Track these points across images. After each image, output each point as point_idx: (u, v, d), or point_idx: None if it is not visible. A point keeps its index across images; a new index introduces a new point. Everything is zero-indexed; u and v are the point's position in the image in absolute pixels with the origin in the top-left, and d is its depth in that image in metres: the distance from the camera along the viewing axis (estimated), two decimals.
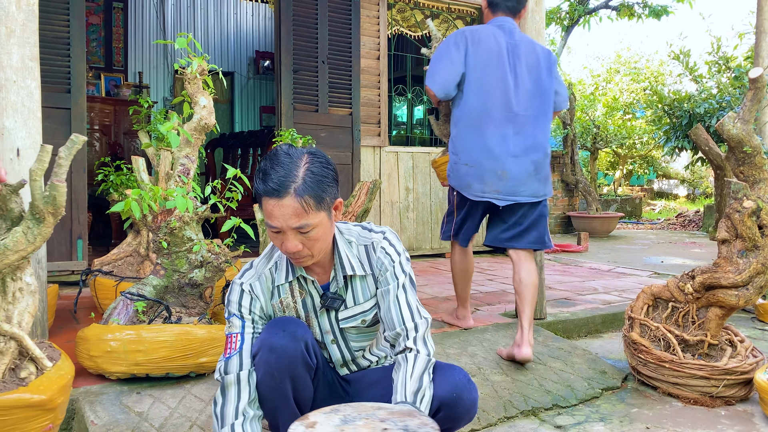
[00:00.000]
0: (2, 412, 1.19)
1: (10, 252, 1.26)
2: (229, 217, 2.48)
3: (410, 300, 1.67)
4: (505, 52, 2.75)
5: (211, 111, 2.73)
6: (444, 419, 1.62)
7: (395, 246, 1.71)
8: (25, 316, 1.32)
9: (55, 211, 1.29)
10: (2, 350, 1.27)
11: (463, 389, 1.62)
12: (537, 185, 2.79)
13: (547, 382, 2.59)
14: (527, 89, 2.76)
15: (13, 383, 1.24)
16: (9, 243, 1.27)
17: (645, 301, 2.76)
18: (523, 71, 2.77)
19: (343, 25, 5.12)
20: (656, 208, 13.74)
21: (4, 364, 1.26)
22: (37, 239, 1.29)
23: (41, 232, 1.29)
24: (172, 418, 2.05)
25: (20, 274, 1.35)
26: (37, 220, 1.28)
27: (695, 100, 7.55)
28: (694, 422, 2.31)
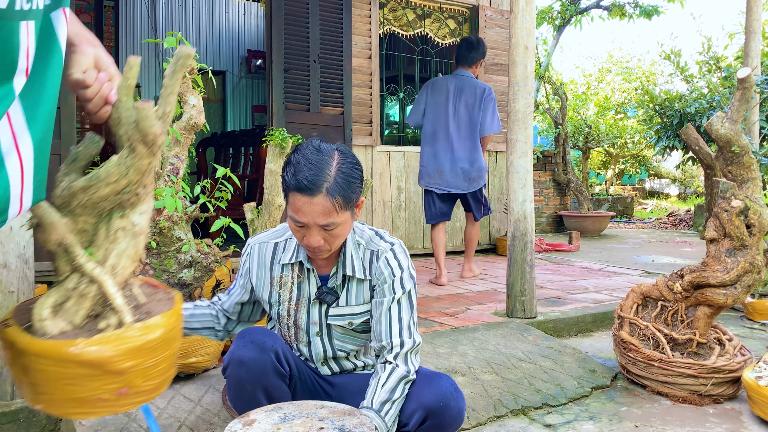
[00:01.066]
0: (52, 361, 1.04)
1: (101, 183, 1.09)
2: (218, 217, 2.48)
3: (402, 316, 1.67)
4: (451, 94, 4.28)
5: (200, 110, 2.72)
6: (431, 428, 1.63)
7: (399, 260, 1.70)
8: (122, 259, 1.14)
9: (144, 138, 1.08)
10: (83, 293, 1.11)
11: (449, 398, 1.62)
12: (465, 184, 4.33)
13: (537, 381, 2.60)
14: (462, 119, 4.29)
15: (88, 332, 1.07)
16: (102, 173, 1.09)
17: (634, 300, 2.77)
18: (461, 106, 4.28)
19: (334, 24, 5.11)
20: (648, 207, 13.81)
21: (84, 308, 1.11)
22: (131, 172, 1.10)
23: (134, 164, 1.10)
24: (161, 419, 2.04)
25: (129, 212, 1.16)
26: (129, 150, 1.10)
27: (686, 100, 7.58)
28: (683, 420, 2.32)
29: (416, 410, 1.61)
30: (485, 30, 6.08)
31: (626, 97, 13.38)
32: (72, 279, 1.12)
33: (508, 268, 3.34)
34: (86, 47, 1.13)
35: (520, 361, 2.75)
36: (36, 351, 1.04)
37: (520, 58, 3.26)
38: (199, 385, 2.26)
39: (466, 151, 4.28)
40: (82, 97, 1.12)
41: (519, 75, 3.27)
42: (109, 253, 1.13)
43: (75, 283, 1.12)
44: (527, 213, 3.28)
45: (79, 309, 1.10)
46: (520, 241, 3.28)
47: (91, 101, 1.12)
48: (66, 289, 1.11)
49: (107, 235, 1.15)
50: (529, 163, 3.28)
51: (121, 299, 1.12)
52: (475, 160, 4.29)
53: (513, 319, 3.25)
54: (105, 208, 1.14)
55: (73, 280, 1.12)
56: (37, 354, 1.04)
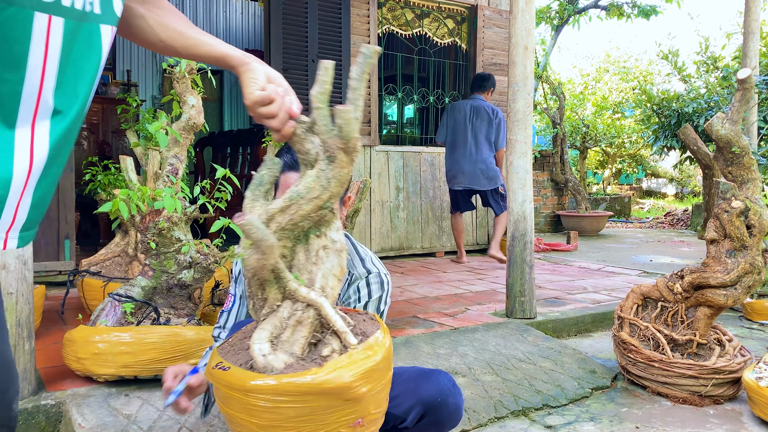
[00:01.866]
0: (294, 398, 0.95)
1: (303, 201, 1.04)
2: (218, 218, 2.47)
3: None
4: (468, 113, 5.33)
5: (199, 110, 2.71)
6: (429, 424, 1.62)
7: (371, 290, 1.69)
8: (330, 280, 1.08)
9: (346, 145, 1.04)
10: (300, 320, 1.04)
11: (447, 394, 1.62)
12: (485, 182, 5.32)
13: (538, 381, 2.60)
14: (478, 131, 5.32)
15: (313, 362, 1.00)
16: (302, 190, 1.04)
17: (634, 300, 2.77)
18: (477, 122, 5.31)
19: (333, 23, 5.10)
20: (645, 206, 13.82)
21: (303, 337, 1.03)
22: (332, 184, 1.05)
23: (335, 174, 1.04)
24: (161, 421, 2.03)
25: (324, 230, 1.10)
26: (328, 160, 1.05)
27: (684, 100, 7.59)
28: (683, 421, 2.32)
29: (414, 406, 1.60)
30: (483, 30, 6.08)
31: (623, 97, 13.39)
32: (285, 307, 1.05)
33: (508, 269, 3.33)
34: (256, 64, 1.11)
35: (520, 362, 2.75)
36: (270, 389, 0.96)
37: (519, 59, 3.26)
38: None
39: (482, 156, 5.30)
40: (264, 115, 1.08)
41: (518, 75, 3.26)
42: (314, 276, 1.07)
43: (290, 311, 1.05)
44: (527, 213, 3.28)
45: (298, 338, 1.03)
46: (519, 241, 3.28)
47: (276, 117, 1.08)
48: (281, 318, 1.04)
49: (308, 257, 1.10)
50: (529, 164, 3.28)
51: (341, 321, 1.05)
52: (490, 163, 5.33)
53: (513, 320, 3.25)
54: (304, 228, 1.09)
55: (287, 308, 1.05)
56: (272, 392, 0.96)
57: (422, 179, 5.84)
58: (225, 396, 1.00)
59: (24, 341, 2.05)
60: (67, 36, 0.90)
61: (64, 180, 4.03)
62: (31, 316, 2.09)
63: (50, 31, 0.88)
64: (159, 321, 2.26)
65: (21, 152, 0.90)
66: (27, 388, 2.06)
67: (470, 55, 6.15)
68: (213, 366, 1.02)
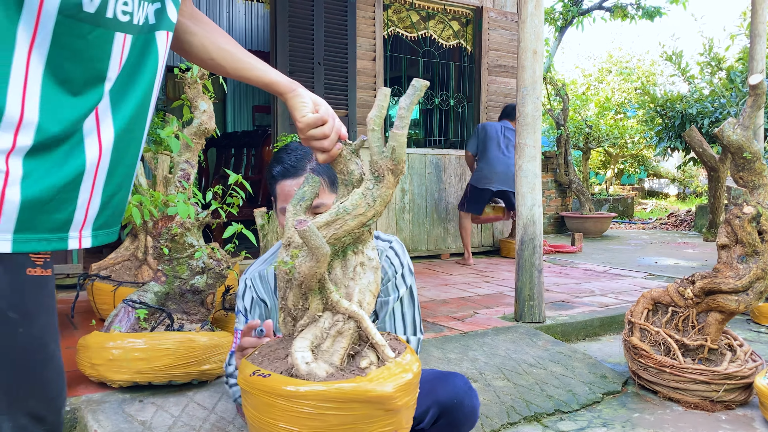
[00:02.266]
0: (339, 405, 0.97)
1: (349, 217, 1.08)
2: (230, 223, 2.47)
3: (405, 313, 1.68)
4: (500, 131, 5.61)
5: (211, 116, 2.71)
6: (445, 426, 1.62)
7: (399, 256, 1.71)
8: (366, 295, 1.12)
9: (395, 167, 1.09)
10: (341, 331, 1.07)
11: (463, 395, 1.62)
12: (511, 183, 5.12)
13: (549, 387, 2.60)
14: (509, 144, 5.54)
15: (352, 372, 1.04)
16: (348, 206, 1.08)
17: (645, 305, 2.77)
18: (508, 138, 5.57)
19: (338, 26, 5.11)
20: (647, 207, 13.82)
21: (342, 348, 1.06)
22: (377, 202, 1.09)
23: (381, 194, 1.09)
24: (176, 427, 2.04)
25: (361, 247, 1.15)
26: (376, 179, 1.09)
27: (688, 101, 7.60)
28: (696, 427, 2.32)
29: (430, 407, 1.61)
30: (489, 31, 6.08)
31: (626, 98, 13.39)
32: (325, 318, 1.08)
33: (517, 272, 3.34)
34: (302, 90, 1.18)
35: (531, 367, 2.75)
36: (318, 395, 0.97)
37: (528, 63, 3.26)
38: (212, 392, 2.26)
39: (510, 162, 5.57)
40: (317, 136, 1.14)
41: (527, 79, 3.26)
42: (352, 290, 1.11)
43: (330, 322, 1.07)
44: (536, 217, 3.28)
45: (338, 349, 1.06)
46: (528, 245, 3.28)
47: (328, 138, 1.14)
48: (321, 329, 1.07)
49: (345, 272, 1.13)
50: (538, 168, 3.28)
51: (380, 335, 1.09)
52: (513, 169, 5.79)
53: (522, 324, 3.25)
54: (344, 244, 1.13)
55: (327, 319, 1.08)
56: (320, 398, 0.97)
57: (427, 181, 5.84)
58: (264, 404, 1.00)
59: None
60: (132, 50, 0.99)
61: None
62: None
63: (124, 48, 0.97)
64: (173, 327, 2.26)
65: (90, 146, 0.98)
66: None
67: (475, 57, 6.16)
68: (249, 374, 1.03)
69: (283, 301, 1.12)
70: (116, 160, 1.02)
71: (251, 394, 1.02)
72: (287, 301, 1.12)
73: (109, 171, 1.02)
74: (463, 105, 6.24)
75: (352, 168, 1.16)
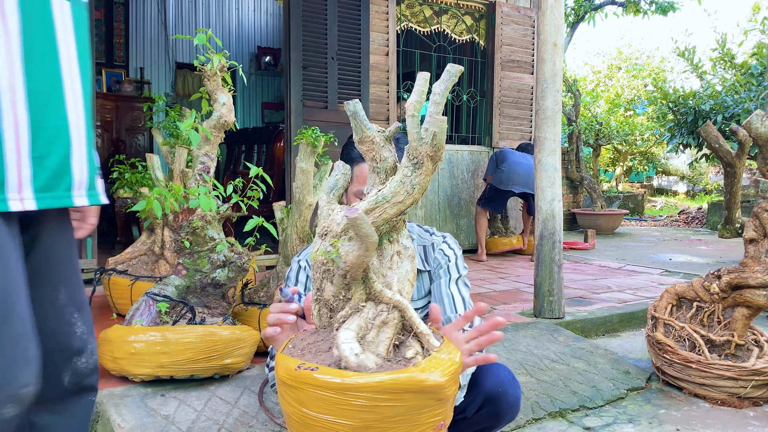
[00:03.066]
0: (393, 395, 0.94)
1: (388, 204, 1.05)
2: (249, 218, 2.45)
3: (464, 294, 1.66)
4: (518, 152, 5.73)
5: (230, 108, 2.68)
6: (487, 415, 1.60)
7: (453, 249, 1.72)
8: (405, 284, 1.09)
9: (435, 153, 1.05)
10: (386, 321, 1.03)
11: (507, 385, 1.60)
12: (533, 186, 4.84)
13: (572, 382, 2.57)
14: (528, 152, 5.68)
15: (399, 363, 1.00)
16: (387, 194, 1.05)
17: (669, 300, 2.73)
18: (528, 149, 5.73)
19: (352, 20, 5.07)
20: (657, 204, 13.74)
21: (388, 338, 1.03)
22: (415, 190, 1.05)
23: (419, 181, 1.05)
24: (199, 421, 2.02)
25: (396, 236, 1.12)
26: (414, 166, 1.06)
27: (700, 97, 7.52)
28: (724, 424, 2.29)
29: (476, 396, 1.58)
30: (502, 26, 6.03)
31: (635, 94, 13.30)
32: (369, 308, 1.05)
33: (536, 268, 3.30)
34: None
35: (553, 363, 2.72)
36: (373, 387, 0.94)
37: (548, 55, 3.22)
38: (234, 386, 2.23)
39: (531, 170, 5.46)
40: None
41: (547, 72, 3.22)
42: (390, 279, 1.08)
43: (374, 312, 1.05)
44: (555, 212, 3.25)
45: (383, 339, 1.03)
46: (548, 240, 3.25)
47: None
48: (366, 319, 1.04)
49: (382, 262, 1.11)
50: (558, 162, 3.24)
51: (423, 324, 1.06)
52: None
53: (541, 320, 3.22)
54: (381, 232, 1.10)
55: (371, 309, 1.05)
56: (374, 390, 0.94)
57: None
58: (312, 398, 0.97)
59: None
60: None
61: None
62: None
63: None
64: (194, 320, 2.24)
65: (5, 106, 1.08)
66: None
67: (488, 52, 6.11)
68: (295, 368, 0.99)
69: (319, 293, 1.09)
70: (36, 120, 1.10)
71: (296, 388, 0.98)
72: (324, 293, 1.09)
73: (32, 130, 1.10)
74: (476, 100, 6.19)
75: (385, 155, 1.13)
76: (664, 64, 14.06)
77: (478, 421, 1.58)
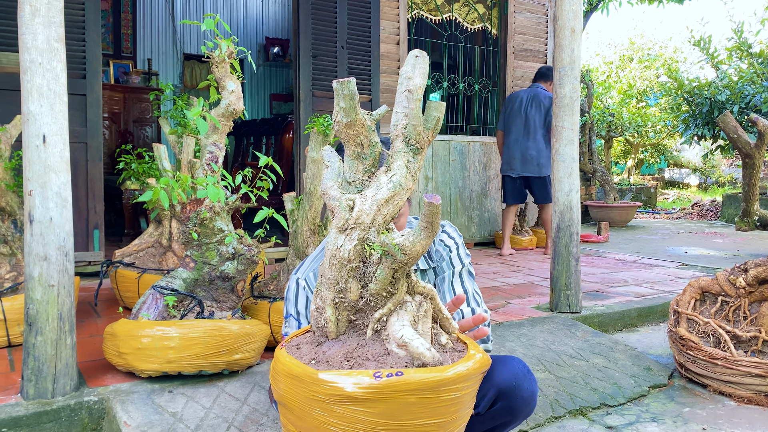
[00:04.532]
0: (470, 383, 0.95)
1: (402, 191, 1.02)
2: (260, 207, 2.37)
3: (467, 287, 1.58)
4: (524, 102, 5.30)
5: (239, 96, 2.60)
6: (502, 411, 1.50)
7: (454, 238, 1.64)
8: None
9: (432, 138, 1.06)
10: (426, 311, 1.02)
11: (522, 379, 1.50)
12: (536, 169, 5.29)
13: (592, 379, 2.48)
14: (531, 119, 5.29)
15: (446, 351, 1.01)
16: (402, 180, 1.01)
17: (692, 295, 2.64)
18: (532, 110, 5.29)
19: (362, 8, 4.97)
20: (669, 197, 13.58)
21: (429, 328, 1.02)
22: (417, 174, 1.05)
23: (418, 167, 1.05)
24: (208, 419, 1.95)
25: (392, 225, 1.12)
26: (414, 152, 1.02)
27: (716, 87, 7.37)
28: (752, 422, 2.20)
29: (488, 390, 1.49)
30: (515, 15, 5.91)
31: (648, 85, 13.12)
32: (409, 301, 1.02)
33: (552, 261, 3.21)
34: None
35: (571, 359, 2.64)
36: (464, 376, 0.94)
37: (566, 42, 3.12)
38: (244, 382, 2.16)
39: (535, 143, 5.28)
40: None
41: (565, 59, 3.12)
42: None
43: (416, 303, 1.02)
44: (573, 203, 3.15)
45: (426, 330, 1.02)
46: (565, 232, 3.16)
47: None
48: (412, 312, 1.01)
49: None
50: (576, 152, 3.15)
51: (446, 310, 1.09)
52: (541, 150, 5.29)
53: (558, 314, 3.13)
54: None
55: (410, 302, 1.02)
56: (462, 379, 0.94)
57: (451, 168, 5.71)
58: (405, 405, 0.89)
59: (66, 335, 1.98)
60: None
61: (93, 169, 3.96)
62: (72, 309, 2.01)
63: None
64: (203, 315, 2.17)
65: None
66: (69, 384, 1.98)
67: (500, 41, 6.00)
68: (373, 377, 0.89)
69: (342, 295, 1.00)
70: None
71: (382, 401, 0.88)
72: (349, 294, 1.00)
73: None
74: (488, 90, 6.09)
75: (375, 140, 1.07)
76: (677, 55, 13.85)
77: (491, 417, 1.49)
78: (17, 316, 2.44)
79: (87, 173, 3.93)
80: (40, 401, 1.92)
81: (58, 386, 1.95)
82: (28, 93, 1.87)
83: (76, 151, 3.83)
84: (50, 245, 1.92)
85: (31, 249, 1.91)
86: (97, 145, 3.95)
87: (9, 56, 3.67)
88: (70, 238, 1.99)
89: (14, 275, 2.60)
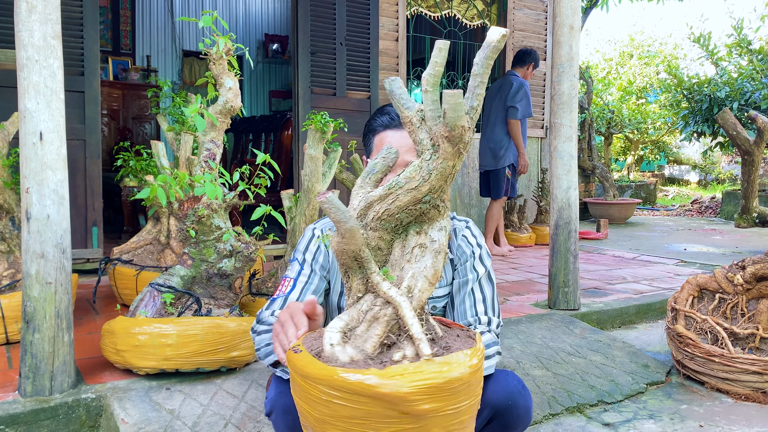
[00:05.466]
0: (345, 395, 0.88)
1: (401, 191, 0.98)
2: (258, 205, 2.37)
3: (486, 295, 1.58)
4: (493, 93, 5.12)
5: (236, 93, 2.60)
6: (496, 428, 1.51)
7: (477, 237, 1.63)
8: (419, 281, 0.99)
9: (450, 134, 0.95)
10: (377, 316, 0.96)
11: (517, 396, 1.50)
12: (492, 161, 5.10)
13: (590, 376, 2.48)
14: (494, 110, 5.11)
15: (381, 363, 0.92)
16: (401, 179, 0.98)
17: (690, 292, 2.64)
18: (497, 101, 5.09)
19: (361, 5, 4.96)
20: (669, 194, 13.58)
21: (377, 335, 0.95)
22: (432, 176, 0.97)
23: (437, 166, 0.97)
24: (205, 416, 1.95)
25: (426, 227, 1.04)
26: (432, 149, 0.97)
27: (716, 84, 7.37)
28: (749, 419, 2.20)
29: (483, 409, 1.50)
30: (513, 11, 5.90)
31: (647, 82, 13.11)
32: (365, 300, 0.99)
33: (551, 258, 3.21)
34: None
35: (569, 356, 2.64)
36: (325, 381, 0.89)
37: (564, 38, 3.12)
38: (242, 380, 2.17)
39: (494, 135, 5.10)
40: None
41: (564, 56, 3.12)
42: (405, 273, 1.00)
43: (369, 305, 0.98)
44: (571, 200, 3.15)
45: (372, 335, 0.96)
46: (563, 230, 3.16)
47: None
48: (359, 311, 0.98)
49: (403, 253, 1.03)
50: (574, 149, 3.15)
51: (419, 327, 0.96)
52: (498, 140, 5.09)
53: (556, 311, 3.14)
54: (402, 222, 1.03)
55: (367, 301, 0.98)
56: (326, 385, 0.89)
57: None
58: (291, 379, 0.97)
59: (63, 332, 1.98)
60: None
61: (91, 166, 3.95)
62: (69, 307, 2.01)
63: None
64: (200, 312, 2.17)
65: None
66: (66, 381, 1.98)
67: None
68: (291, 347, 0.97)
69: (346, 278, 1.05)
70: None
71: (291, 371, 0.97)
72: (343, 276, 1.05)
73: None
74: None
75: (421, 137, 1.00)
76: (677, 51, 13.83)
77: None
78: (15, 314, 2.44)
79: (85, 170, 3.93)
80: (38, 398, 1.92)
81: (56, 383, 1.95)
82: (25, 90, 1.87)
83: (75, 149, 3.83)
84: (47, 242, 1.92)
85: (28, 246, 1.91)
86: (95, 142, 3.95)
87: (6, 53, 3.66)
88: (67, 236, 1.99)
89: (12, 272, 2.60)
